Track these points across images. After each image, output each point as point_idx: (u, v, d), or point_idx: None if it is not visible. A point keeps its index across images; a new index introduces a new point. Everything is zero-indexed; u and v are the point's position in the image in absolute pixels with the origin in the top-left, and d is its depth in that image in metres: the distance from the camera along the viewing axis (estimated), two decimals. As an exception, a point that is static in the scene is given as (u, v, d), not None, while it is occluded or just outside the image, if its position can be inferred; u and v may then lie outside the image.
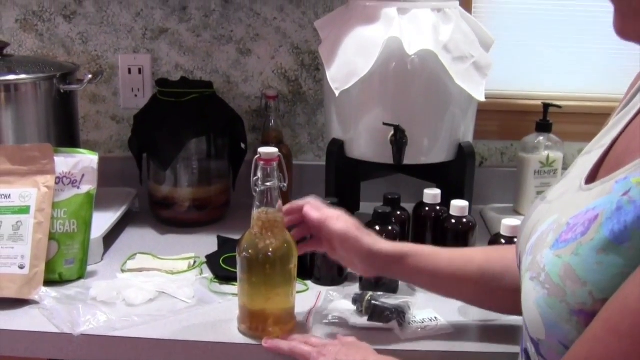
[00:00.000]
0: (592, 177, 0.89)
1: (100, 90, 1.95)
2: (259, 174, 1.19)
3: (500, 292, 1.18)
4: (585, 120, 1.87)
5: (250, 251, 1.20)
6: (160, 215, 1.77)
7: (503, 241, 1.36)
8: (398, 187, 1.70)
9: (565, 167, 1.80)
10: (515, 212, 1.83)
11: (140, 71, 1.94)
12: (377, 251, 1.22)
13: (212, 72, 1.93)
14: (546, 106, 1.77)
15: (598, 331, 0.73)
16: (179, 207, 1.75)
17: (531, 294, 0.82)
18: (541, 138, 1.77)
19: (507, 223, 1.36)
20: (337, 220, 1.23)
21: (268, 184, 1.18)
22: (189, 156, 1.72)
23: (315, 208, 1.25)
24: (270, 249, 1.19)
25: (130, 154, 1.80)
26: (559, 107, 1.75)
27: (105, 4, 1.90)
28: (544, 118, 1.77)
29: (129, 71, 1.94)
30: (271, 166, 1.18)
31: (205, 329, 1.28)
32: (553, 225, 0.86)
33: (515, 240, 1.12)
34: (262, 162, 1.18)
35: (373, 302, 1.29)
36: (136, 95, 1.95)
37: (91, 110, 1.97)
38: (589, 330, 0.74)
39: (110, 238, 1.64)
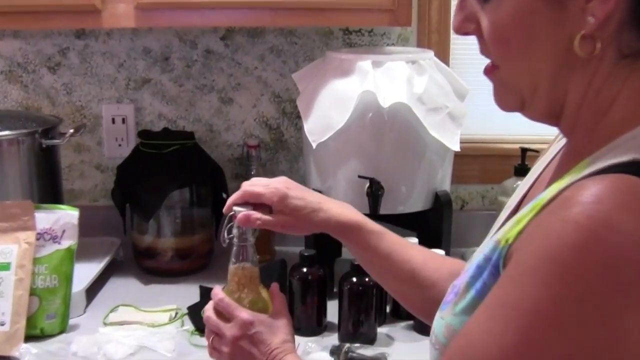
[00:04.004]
0: None
1: (85, 140, 1.98)
2: (234, 231, 1.20)
3: (420, 302, 1.14)
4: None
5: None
6: (144, 264, 1.79)
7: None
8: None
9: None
10: (497, 255, 1.85)
11: (123, 121, 1.96)
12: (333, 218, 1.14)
13: (195, 121, 1.96)
14: (524, 150, 1.79)
15: None
16: (162, 257, 1.76)
17: (431, 356, 0.86)
18: (520, 182, 1.79)
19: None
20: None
21: (244, 243, 1.20)
22: (171, 205, 1.74)
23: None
24: (247, 306, 1.21)
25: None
26: (536, 151, 1.78)
27: (88, 56, 1.93)
28: (522, 162, 1.80)
29: (113, 121, 1.97)
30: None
31: (184, 384, 1.29)
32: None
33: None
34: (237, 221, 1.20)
35: (350, 353, 1.31)
36: (120, 145, 1.97)
37: (75, 159, 1.99)
38: None
39: (94, 289, 1.66)
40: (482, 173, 1.97)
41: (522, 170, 1.80)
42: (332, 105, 1.52)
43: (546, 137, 1.89)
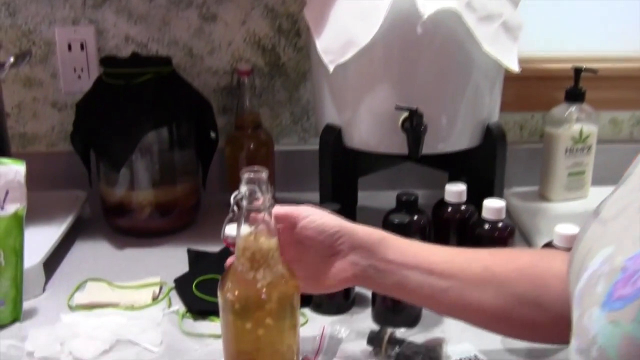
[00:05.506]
0: None
1: (36, 72, 1.61)
2: (243, 189, 0.87)
3: (516, 305, 0.88)
4: (621, 84, 1.57)
5: (236, 293, 0.89)
6: (116, 224, 1.46)
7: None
8: (400, 178, 1.41)
9: (599, 141, 1.51)
10: (542, 197, 1.54)
11: (82, 47, 1.60)
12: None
13: (170, 44, 1.60)
14: (578, 71, 1.46)
15: None
16: (138, 214, 1.42)
17: None
18: (572, 109, 1.47)
19: (563, 231, 1.05)
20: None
21: (257, 205, 0.87)
22: (147, 149, 1.39)
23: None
24: (264, 290, 0.88)
25: (77, 148, 1.48)
26: (594, 71, 1.44)
27: (34, -34, 1.56)
28: (575, 85, 1.47)
29: (69, 47, 1.60)
30: (261, 178, 0.87)
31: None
32: (605, 266, 0.59)
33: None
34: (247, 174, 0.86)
35: (397, 348, 0.99)
36: (80, 77, 1.61)
37: (26, 96, 1.63)
38: None
39: (54, 258, 1.33)
40: (520, 99, 1.63)
41: (575, 95, 1.47)
42: (353, 15, 1.16)
43: (605, 54, 1.60)
